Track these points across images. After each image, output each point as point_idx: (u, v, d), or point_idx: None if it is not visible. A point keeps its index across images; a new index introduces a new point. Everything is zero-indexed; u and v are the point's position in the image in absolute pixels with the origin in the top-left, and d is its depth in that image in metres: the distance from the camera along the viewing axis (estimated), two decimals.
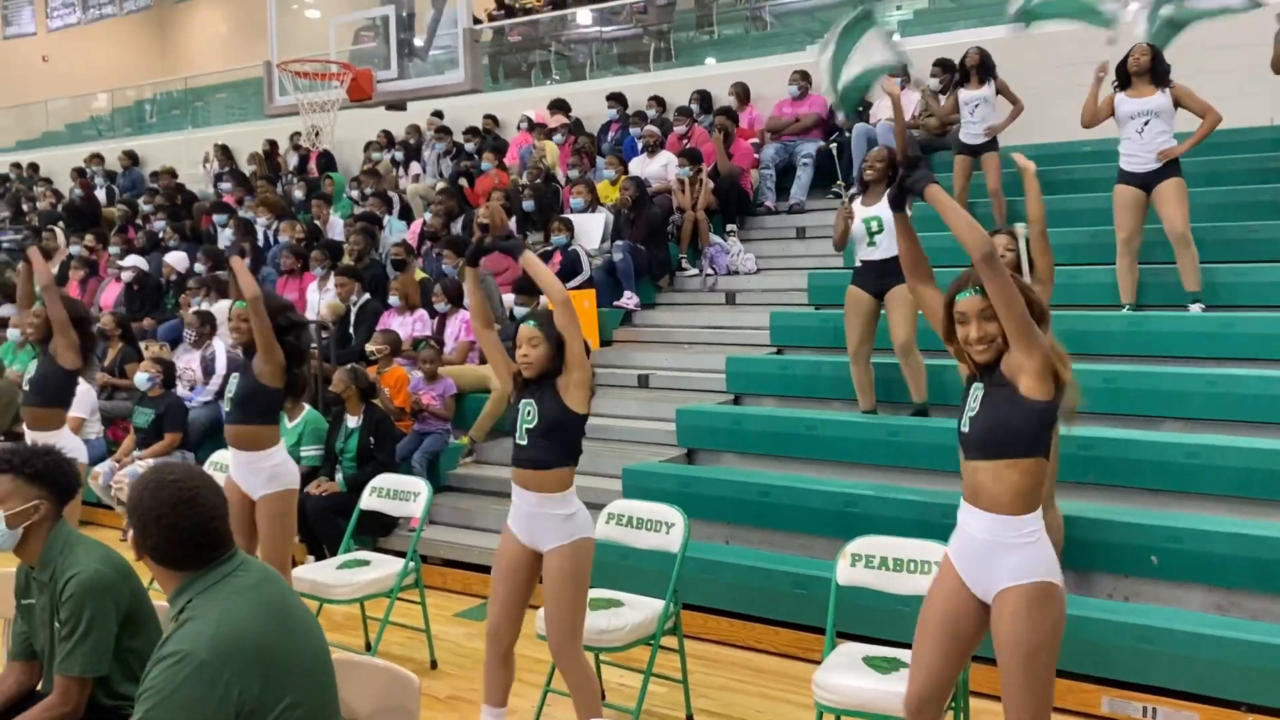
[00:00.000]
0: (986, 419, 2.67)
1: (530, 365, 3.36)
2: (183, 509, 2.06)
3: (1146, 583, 4.24)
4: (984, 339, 2.67)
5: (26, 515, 2.61)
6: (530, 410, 3.38)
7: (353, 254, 8.00)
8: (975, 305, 2.67)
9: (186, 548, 2.07)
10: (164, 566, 2.09)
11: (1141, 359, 5.56)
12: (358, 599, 4.37)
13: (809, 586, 4.41)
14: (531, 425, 3.37)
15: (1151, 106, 5.75)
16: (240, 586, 2.07)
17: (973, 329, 2.67)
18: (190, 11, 20.16)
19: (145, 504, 2.07)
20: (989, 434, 2.66)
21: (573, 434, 3.41)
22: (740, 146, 8.80)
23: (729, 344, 7.14)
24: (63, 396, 5.00)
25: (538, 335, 3.35)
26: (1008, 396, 2.64)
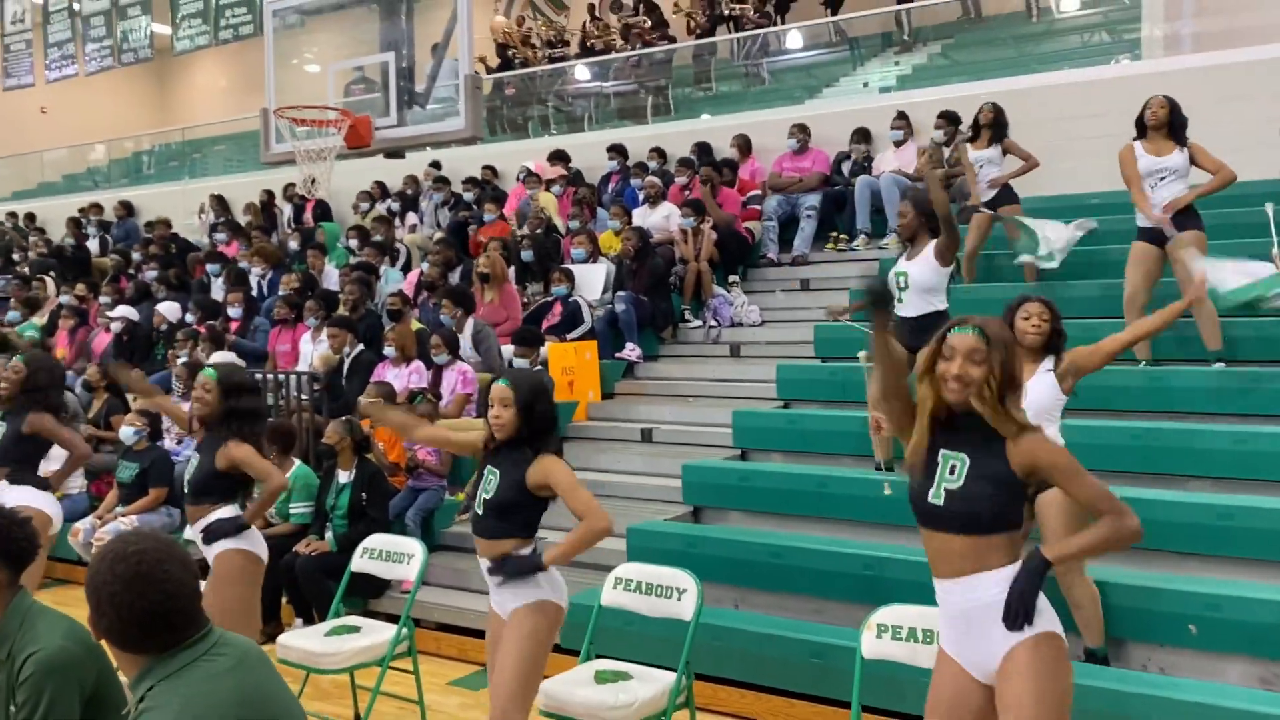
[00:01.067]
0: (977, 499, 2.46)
1: (502, 426, 3.18)
2: (140, 585, 1.82)
3: (1184, 653, 4.01)
4: (962, 379, 2.47)
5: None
6: (492, 480, 3.21)
7: (348, 304, 7.83)
8: (967, 343, 2.48)
9: (144, 629, 1.83)
10: (121, 650, 1.86)
11: (1163, 415, 5.38)
12: (347, 668, 4.11)
13: (826, 656, 4.16)
14: (489, 496, 3.21)
15: (1170, 165, 5.63)
16: (211, 672, 1.84)
17: (954, 365, 2.47)
18: (190, 64, 20.17)
19: (100, 578, 1.83)
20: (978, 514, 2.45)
21: (529, 513, 3.25)
22: (728, 195, 8.74)
23: (734, 397, 6.96)
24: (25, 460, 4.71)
25: (509, 395, 3.17)
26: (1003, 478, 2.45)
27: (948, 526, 2.49)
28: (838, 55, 12.42)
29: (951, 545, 2.48)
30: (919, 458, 2.56)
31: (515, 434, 3.18)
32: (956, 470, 2.48)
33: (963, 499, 2.46)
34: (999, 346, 2.48)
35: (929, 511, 2.52)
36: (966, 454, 2.49)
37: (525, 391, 3.18)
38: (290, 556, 5.50)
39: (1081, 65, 9.52)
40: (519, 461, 3.18)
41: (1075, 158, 7.92)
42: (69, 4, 15.08)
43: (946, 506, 2.48)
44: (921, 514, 2.55)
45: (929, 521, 2.53)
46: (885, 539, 4.92)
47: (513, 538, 3.22)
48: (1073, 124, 8.21)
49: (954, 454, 2.50)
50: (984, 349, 2.46)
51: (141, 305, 9.64)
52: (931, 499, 2.50)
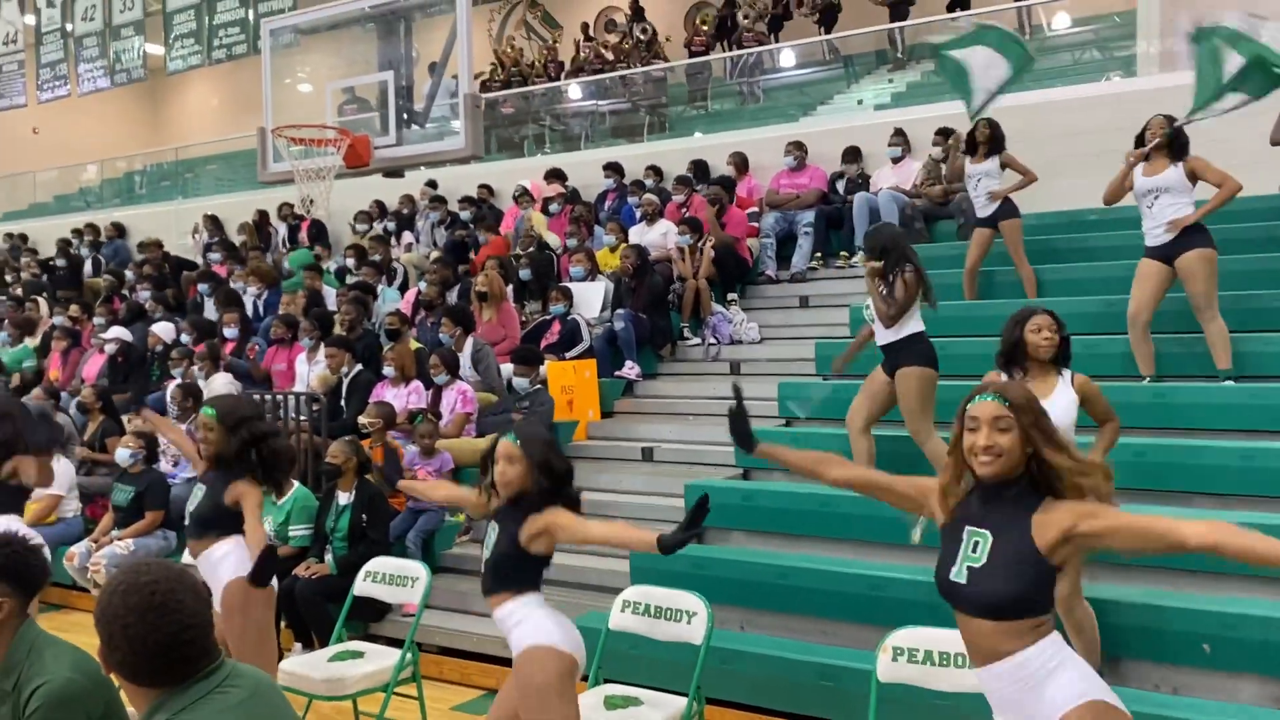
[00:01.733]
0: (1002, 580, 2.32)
1: (508, 485, 3.05)
2: (154, 616, 1.77)
3: (1197, 673, 3.96)
4: (992, 450, 2.35)
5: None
6: (492, 537, 3.14)
7: (345, 324, 7.78)
8: (990, 411, 2.37)
9: (158, 661, 1.78)
10: (134, 683, 1.81)
11: (1168, 432, 5.35)
12: (351, 695, 4.05)
13: (836, 678, 4.11)
14: (488, 554, 3.16)
15: (1159, 184, 5.61)
16: (225, 705, 1.79)
17: (982, 436, 2.36)
18: (183, 84, 20.17)
19: (113, 610, 1.79)
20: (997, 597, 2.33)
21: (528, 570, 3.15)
22: (734, 215, 8.72)
23: None
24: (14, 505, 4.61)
25: (517, 452, 3.04)
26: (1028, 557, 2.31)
27: (968, 608, 2.38)
28: (832, 73, 12.48)
29: (973, 626, 2.37)
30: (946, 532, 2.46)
31: (520, 493, 3.07)
32: (979, 548, 2.37)
33: (985, 579, 2.34)
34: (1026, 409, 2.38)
35: (950, 589, 2.41)
36: (990, 530, 2.38)
37: (538, 451, 3.05)
38: (290, 580, 5.43)
39: (1075, 82, 9.56)
40: (518, 518, 3.07)
41: (1070, 174, 7.93)
42: (62, 24, 15.07)
43: (966, 586, 2.37)
44: (945, 591, 2.44)
45: (951, 599, 2.42)
46: (892, 559, 4.88)
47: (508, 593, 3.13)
48: (1067, 141, 8.23)
49: (978, 530, 2.39)
50: (1009, 415, 2.36)
51: (135, 326, 9.58)
52: (953, 576, 2.40)
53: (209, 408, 3.90)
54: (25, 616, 2.38)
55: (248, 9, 13.02)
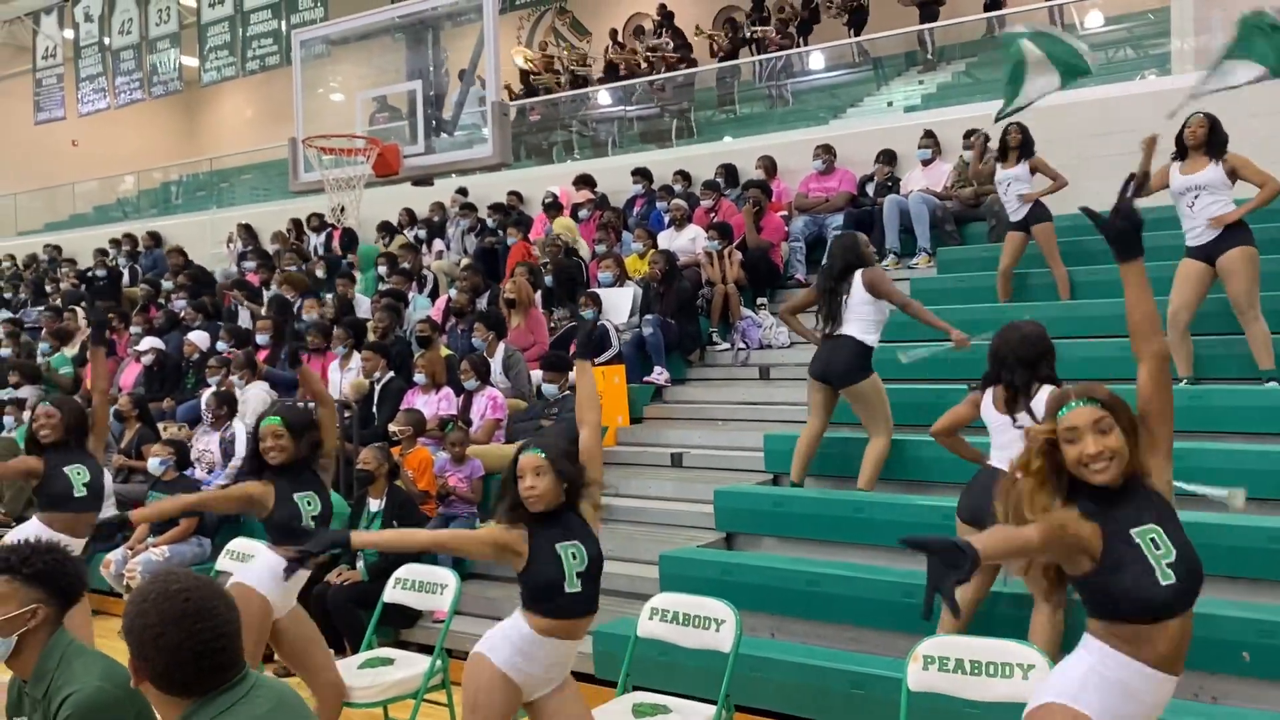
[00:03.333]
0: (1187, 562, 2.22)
1: (540, 498, 2.98)
2: (189, 623, 1.78)
3: (1236, 681, 3.89)
4: (1103, 455, 2.24)
5: (22, 621, 2.35)
6: (577, 552, 3.02)
7: (377, 331, 7.84)
8: (1088, 416, 2.26)
9: (191, 670, 1.80)
10: (166, 693, 1.82)
11: (1205, 435, 5.26)
12: (381, 702, 4.07)
13: (867, 686, 4.07)
14: (583, 568, 3.01)
15: (1199, 182, 5.53)
16: (252, 715, 1.81)
17: (1089, 444, 2.24)
18: (218, 95, 20.47)
19: (145, 619, 1.80)
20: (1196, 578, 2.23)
21: None
22: (771, 220, 8.67)
23: (765, 420, 6.89)
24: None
25: (544, 464, 2.99)
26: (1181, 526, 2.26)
27: (1184, 605, 2.24)
28: (861, 75, 12.40)
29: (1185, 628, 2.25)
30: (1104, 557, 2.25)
31: (554, 503, 3.02)
32: (1159, 543, 2.23)
33: (1188, 564, 2.23)
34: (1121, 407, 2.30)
35: (1166, 600, 2.21)
36: (1154, 522, 2.26)
37: (561, 458, 3.02)
38: (322, 586, 5.47)
39: (1109, 81, 9.44)
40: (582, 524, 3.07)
41: (1103, 175, 7.79)
42: (100, 38, 15.33)
43: (1182, 583, 2.23)
44: (1156, 608, 2.21)
45: (1168, 609, 2.22)
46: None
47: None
48: (1101, 141, 8.12)
49: (1145, 529, 2.25)
50: (1109, 416, 2.28)
51: (170, 335, 9.71)
52: (1165, 582, 2.21)
53: (275, 417, 3.85)
54: (59, 625, 2.41)
55: (280, 21, 13.19)
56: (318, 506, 3.88)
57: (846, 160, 9.12)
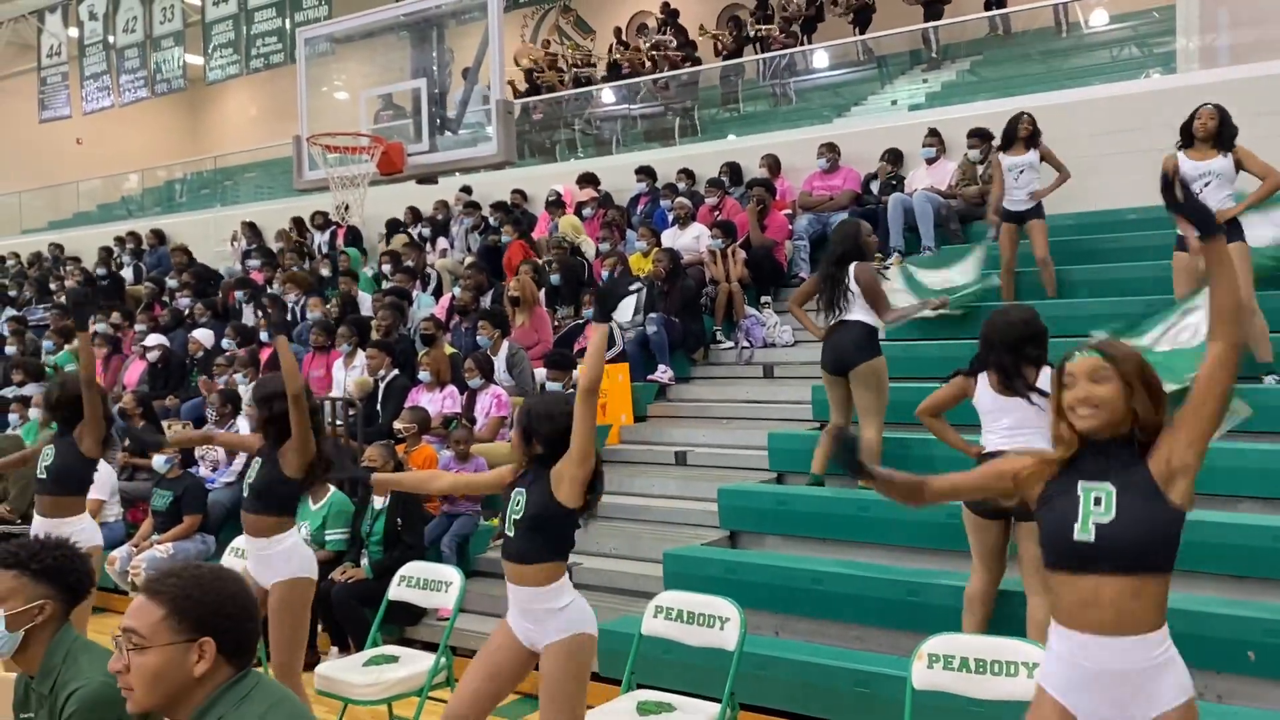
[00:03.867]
0: (1134, 528, 2.23)
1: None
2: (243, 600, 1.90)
3: (1242, 680, 3.88)
4: (1089, 401, 2.28)
5: (29, 616, 2.35)
6: (519, 500, 3.19)
7: (380, 329, 7.85)
8: (1087, 365, 2.31)
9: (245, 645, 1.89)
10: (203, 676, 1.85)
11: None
12: (385, 699, 4.07)
13: (871, 684, 4.08)
14: (519, 516, 3.18)
15: (1213, 169, 5.53)
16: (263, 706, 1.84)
17: (1080, 390, 2.29)
18: (222, 94, 20.48)
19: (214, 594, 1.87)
20: (1138, 546, 2.23)
21: (561, 527, 3.20)
22: (775, 219, 8.66)
23: (768, 419, 6.88)
24: (84, 485, 4.77)
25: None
26: (1156, 502, 2.24)
27: (1100, 566, 2.25)
28: (866, 74, 12.38)
29: (1103, 591, 2.24)
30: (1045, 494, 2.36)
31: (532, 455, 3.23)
32: (1103, 502, 2.27)
33: (1118, 531, 2.24)
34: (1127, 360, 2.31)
35: (1075, 550, 2.27)
36: (1111, 483, 2.28)
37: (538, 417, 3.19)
38: (326, 584, 5.47)
39: (1113, 80, 9.42)
40: (541, 478, 3.18)
41: (1108, 173, 7.82)
42: (104, 36, 15.34)
43: (1098, 544, 2.25)
44: (1065, 554, 2.29)
45: (1074, 563, 2.28)
46: (928, 564, 4.83)
47: (546, 560, 3.16)
48: (1105, 139, 8.11)
49: (1096, 484, 2.29)
50: (1109, 367, 2.29)
51: (175, 333, 9.72)
52: (1079, 536, 2.27)
53: None
54: (65, 621, 2.41)
55: (284, 19, 13.19)
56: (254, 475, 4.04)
57: (851, 159, 9.11)
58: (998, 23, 12.16)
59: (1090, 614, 2.27)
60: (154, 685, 1.82)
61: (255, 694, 1.86)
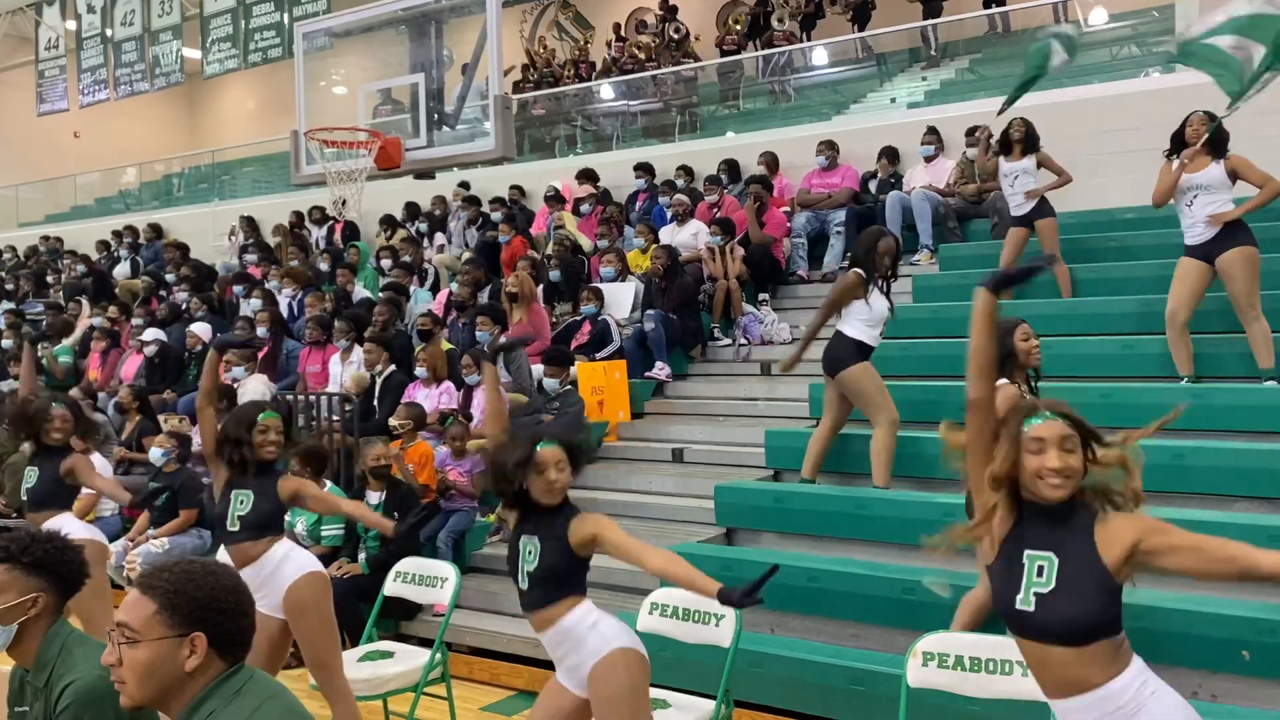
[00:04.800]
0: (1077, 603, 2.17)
1: (559, 492, 2.95)
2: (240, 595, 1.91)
3: (1236, 680, 3.89)
4: (1063, 472, 2.20)
5: (22, 610, 2.34)
6: (530, 550, 2.96)
7: (378, 324, 7.84)
8: (1057, 431, 2.23)
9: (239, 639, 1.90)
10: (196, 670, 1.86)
11: (1207, 434, 5.25)
12: (381, 695, 4.07)
13: (867, 682, 4.08)
14: (532, 568, 2.95)
15: (1200, 181, 5.53)
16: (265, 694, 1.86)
17: (1051, 458, 2.20)
18: (219, 88, 20.45)
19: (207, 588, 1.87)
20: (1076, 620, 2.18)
21: (578, 573, 3.03)
22: (774, 216, 8.66)
23: (766, 416, 6.89)
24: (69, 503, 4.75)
25: (564, 459, 2.95)
26: (1098, 575, 2.17)
27: (1042, 636, 2.23)
28: (865, 71, 12.38)
29: (1050, 656, 2.23)
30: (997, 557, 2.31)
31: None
32: (1045, 572, 2.22)
33: (1056, 603, 2.20)
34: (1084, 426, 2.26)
35: (1018, 619, 2.26)
36: (1054, 552, 2.23)
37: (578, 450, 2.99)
38: None
39: (1112, 79, 9.42)
40: (553, 520, 2.97)
41: (1107, 173, 7.82)
42: (102, 30, 15.30)
43: (1037, 614, 2.22)
44: (1011, 620, 2.29)
45: (1020, 630, 2.28)
46: (924, 562, 4.82)
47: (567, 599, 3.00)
48: (1104, 138, 8.11)
49: (1040, 554, 2.24)
50: (1075, 435, 2.24)
51: (172, 327, 9.70)
52: (1020, 605, 2.24)
53: (274, 412, 3.81)
54: (59, 614, 2.41)
55: (283, 13, 13.15)
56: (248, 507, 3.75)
57: (849, 156, 9.11)
58: (997, 21, 12.17)
59: (1045, 677, 2.27)
60: (146, 679, 1.83)
61: (248, 689, 1.86)
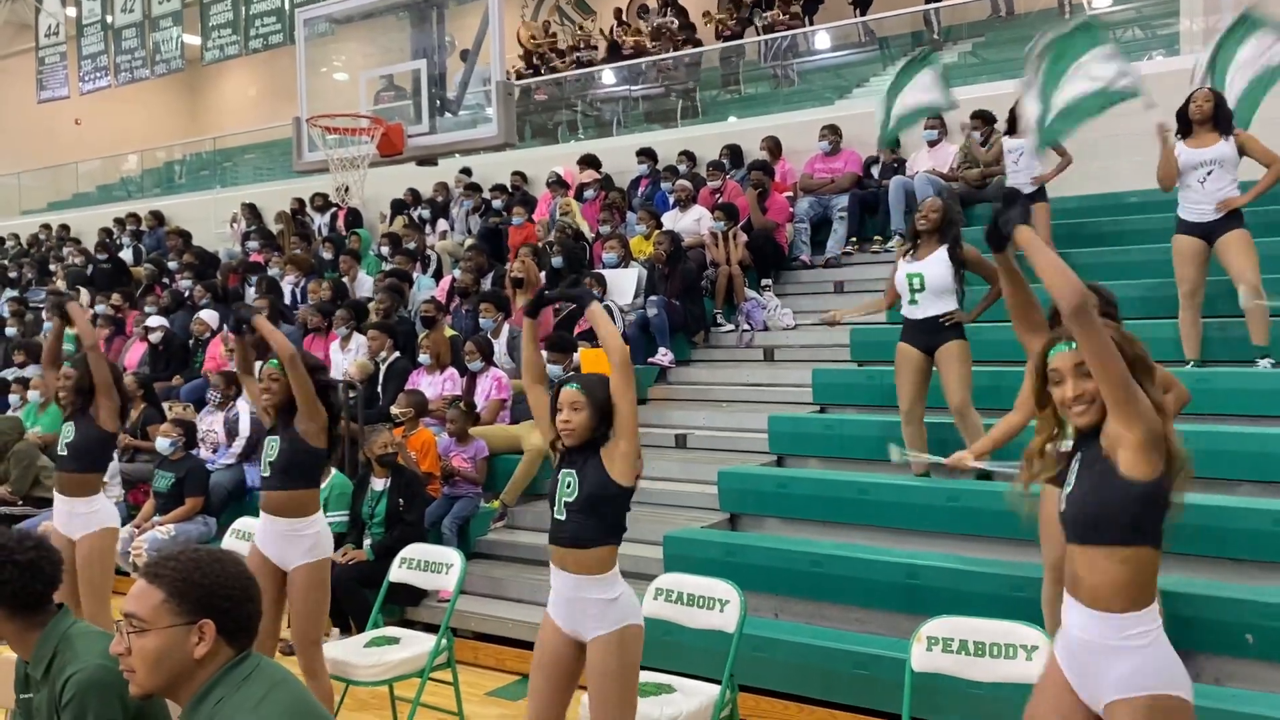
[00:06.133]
0: (1080, 497, 2.35)
1: (572, 432, 3.06)
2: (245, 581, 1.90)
3: (1241, 663, 3.90)
4: (1083, 398, 2.34)
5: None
6: (570, 481, 3.08)
7: (379, 312, 7.84)
8: (1070, 361, 2.36)
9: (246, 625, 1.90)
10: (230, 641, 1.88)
11: (1210, 418, 5.25)
12: (387, 680, 4.09)
13: (871, 667, 4.09)
14: (571, 498, 3.07)
15: (1214, 156, 5.50)
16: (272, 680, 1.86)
17: (1069, 387, 2.36)
18: (220, 74, 20.41)
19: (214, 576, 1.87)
20: (1082, 515, 2.34)
21: (617, 509, 3.11)
22: (776, 201, 8.63)
23: (769, 402, 6.89)
24: (102, 461, 4.77)
25: (580, 399, 3.06)
26: (1104, 472, 2.31)
27: (1069, 535, 2.39)
28: (867, 55, 12.33)
29: (1075, 559, 2.36)
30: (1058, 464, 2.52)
31: (586, 439, 3.08)
32: (1072, 476, 2.40)
33: (1073, 501, 2.37)
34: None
35: (1060, 518, 2.43)
36: (1081, 453, 2.40)
37: (599, 394, 3.08)
38: None
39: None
40: (592, 457, 3.09)
41: (1110, 156, 7.78)
42: (102, 16, 15.25)
43: (1065, 513, 2.40)
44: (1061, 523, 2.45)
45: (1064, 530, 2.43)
46: (928, 547, 4.84)
47: (603, 543, 3.08)
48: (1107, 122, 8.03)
49: (1076, 457, 2.42)
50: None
51: (176, 314, 9.71)
52: (1060, 505, 2.43)
53: (276, 360, 3.95)
54: (55, 609, 2.41)
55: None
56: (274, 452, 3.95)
57: (852, 140, 9.07)
58: (1000, 4, 12.10)
59: (1069, 580, 2.39)
60: (155, 667, 1.84)
61: (256, 675, 1.87)
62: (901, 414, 5.31)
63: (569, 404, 3.07)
